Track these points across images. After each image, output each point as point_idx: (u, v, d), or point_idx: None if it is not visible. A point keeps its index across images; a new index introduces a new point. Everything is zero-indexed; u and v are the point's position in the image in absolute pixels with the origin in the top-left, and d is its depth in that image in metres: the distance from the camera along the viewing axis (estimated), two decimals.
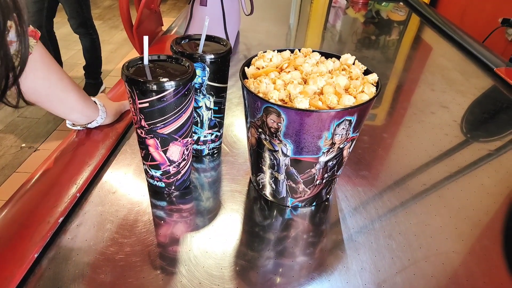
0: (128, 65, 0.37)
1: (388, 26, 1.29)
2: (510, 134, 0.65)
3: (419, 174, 0.52)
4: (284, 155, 0.38)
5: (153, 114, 0.37)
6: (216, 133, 0.50)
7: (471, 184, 0.51)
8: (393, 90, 0.78)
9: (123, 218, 0.41)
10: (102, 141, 0.52)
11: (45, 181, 0.44)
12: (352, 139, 0.38)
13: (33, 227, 0.37)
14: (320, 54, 0.44)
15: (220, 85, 0.45)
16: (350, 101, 0.35)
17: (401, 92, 0.78)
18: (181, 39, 0.45)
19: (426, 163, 0.54)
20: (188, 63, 0.39)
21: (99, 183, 0.45)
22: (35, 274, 0.34)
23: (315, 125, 0.34)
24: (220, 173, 0.50)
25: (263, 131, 0.37)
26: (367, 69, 0.42)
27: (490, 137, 0.63)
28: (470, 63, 0.93)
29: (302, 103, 0.34)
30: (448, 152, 0.58)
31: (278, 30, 1.09)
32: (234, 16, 0.88)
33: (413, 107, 0.71)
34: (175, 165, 0.42)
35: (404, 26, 1.33)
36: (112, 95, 0.63)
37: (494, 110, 0.73)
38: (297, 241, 0.41)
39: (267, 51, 0.43)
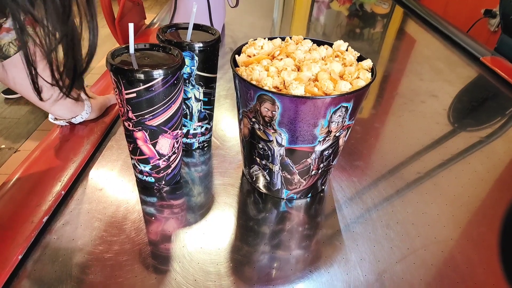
0: (113, 54, 0.35)
1: (372, 19, 1.30)
2: (499, 121, 0.65)
3: (413, 162, 0.52)
4: (279, 145, 0.37)
5: (140, 105, 0.35)
6: (206, 126, 0.48)
7: (464, 171, 0.51)
8: (381, 80, 0.78)
9: (111, 215, 0.39)
10: (87, 137, 0.49)
11: (27, 179, 0.42)
12: (348, 127, 0.37)
13: (16, 227, 0.34)
14: (312, 42, 0.43)
15: (210, 75, 0.44)
16: (347, 87, 0.34)
17: (388, 82, 0.78)
18: (167, 28, 0.43)
19: (419, 152, 0.54)
20: (176, 51, 0.37)
21: (85, 180, 0.43)
22: (19, 276, 0.32)
23: (311, 113, 0.33)
24: (211, 167, 0.49)
25: (257, 120, 0.36)
26: (361, 56, 0.41)
27: (480, 125, 0.64)
28: (455, 53, 0.94)
29: (298, 90, 0.32)
30: (440, 140, 0.57)
31: (263, 23, 1.08)
32: (220, 9, 0.86)
33: (403, 96, 0.70)
34: (165, 159, 0.40)
35: (388, 19, 1.33)
36: (95, 89, 0.60)
37: (482, 98, 0.73)
38: (293, 234, 0.40)
39: (257, 39, 0.42)
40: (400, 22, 1.29)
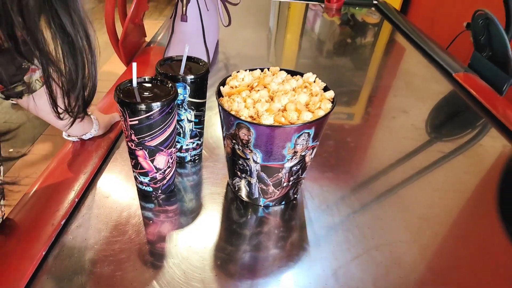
0: (119, 87, 0.43)
1: (362, 29, 1.38)
2: (463, 137, 0.73)
3: (378, 175, 0.60)
4: (255, 162, 0.44)
5: (142, 130, 0.43)
6: (197, 142, 0.56)
7: (426, 184, 0.59)
8: (365, 97, 0.86)
9: (116, 219, 0.47)
10: (95, 151, 0.57)
11: (46, 189, 0.49)
12: (312, 147, 0.45)
13: (39, 229, 0.42)
14: (286, 73, 0.51)
15: (200, 100, 0.52)
16: (308, 117, 0.41)
17: (367, 98, 0.86)
18: (164, 61, 0.51)
19: (386, 165, 0.62)
20: (171, 84, 0.45)
21: (94, 189, 0.51)
22: (43, 269, 0.39)
23: (279, 138, 0.41)
24: (201, 177, 0.56)
25: (236, 142, 0.44)
26: (326, 86, 0.49)
27: (446, 140, 0.72)
28: (432, 68, 1.01)
29: (268, 120, 0.40)
30: (408, 155, 0.65)
31: (256, 38, 1.15)
32: (213, 28, 0.94)
33: (375, 112, 0.78)
34: (161, 172, 0.48)
35: (377, 30, 1.41)
36: (102, 104, 0.68)
37: (450, 114, 0.81)
38: (269, 236, 0.48)
39: (240, 71, 0.50)
40: (388, 35, 1.36)
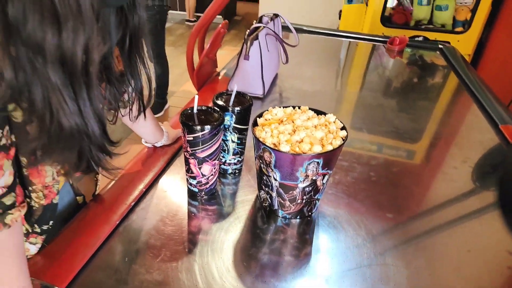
0: (183, 112, 0.60)
1: (424, 72, 1.41)
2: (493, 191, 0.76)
3: (393, 212, 0.67)
4: (274, 180, 0.57)
5: (195, 144, 0.58)
6: (238, 159, 0.70)
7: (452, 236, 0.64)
8: (399, 136, 0.92)
9: (169, 208, 0.63)
10: (162, 156, 0.75)
11: (126, 178, 0.68)
12: (322, 174, 0.56)
13: (117, 205, 0.60)
14: (313, 111, 0.63)
15: (242, 126, 0.66)
16: (318, 149, 0.53)
17: (401, 137, 0.92)
18: (220, 94, 0.67)
19: (402, 203, 0.69)
20: (220, 113, 0.60)
21: (158, 183, 0.68)
22: (115, 234, 0.56)
23: (293, 163, 0.53)
24: (238, 187, 0.70)
25: (262, 162, 0.57)
26: (344, 126, 0.59)
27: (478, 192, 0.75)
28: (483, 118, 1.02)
29: (285, 148, 0.53)
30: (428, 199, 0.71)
31: (311, 74, 1.28)
32: (272, 65, 1.10)
33: (405, 153, 0.85)
34: (205, 178, 0.63)
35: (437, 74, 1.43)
36: (172, 123, 0.87)
37: (491, 166, 0.83)
38: (285, 244, 0.59)
39: (275, 107, 0.63)
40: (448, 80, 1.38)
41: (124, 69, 0.52)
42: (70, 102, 0.38)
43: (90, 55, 0.38)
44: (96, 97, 0.41)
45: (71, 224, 0.57)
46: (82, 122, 0.40)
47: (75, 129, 0.40)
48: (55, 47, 0.35)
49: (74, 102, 0.38)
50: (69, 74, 0.37)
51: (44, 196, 0.53)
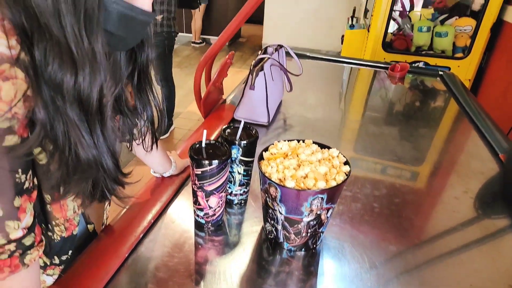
0: (192, 146, 0.62)
1: (423, 98, 1.44)
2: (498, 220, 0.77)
3: (396, 243, 0.68)
4: (280, 213, 0.58)
5: (203, 178, 0.60)
6: (244, 189, 0.72)
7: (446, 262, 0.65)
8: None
9: (177, 239, 0.64)
10: (170, 185, 0.77)
11: (135, 208, 0.70)
12: (326, 208, 0.58)
13: (126, 237, 0.62)
14: (317, 145, 0.65)
15: (249, 159, 0.68)
16: (322, 185, 0.55)
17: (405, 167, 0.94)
18: (227, 127, 0.70)
19: (409, 235, 0.70)
20: (227, 147, 0.62)
21: (165, 214, 0.70)
22: (124, 266, 0.58)
23: (298, 198, 0.55)
24: (244, 217, 0.72)
25: (268, 196, 0.59)
26: (347, 161, 0.61)
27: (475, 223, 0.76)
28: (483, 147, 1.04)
29: (290, 184, 0.55)
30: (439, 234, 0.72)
31: (313, 101, 1.32)
32: (277, 93, 1.13)
33: (407, 183, 0.86)
34: (212, 210, 0.64)
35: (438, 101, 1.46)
36: (180, 152, 0.90)
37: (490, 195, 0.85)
38: (290, 276, 0.60)
39: (280, 141, 0.65)
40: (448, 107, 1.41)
41: (135, 101, 0.55)
42: (87, 136, 0.41)
43: (104, 96, 0.41)
44: (109, 132, 0.44)
45: (83, 256, 0.59)
46: (97, 154, 0.43)
47: (92, 161, 0.43)
48: (72, 88, 0.38)
49: (90, 136, 0.42)
50: (84, 111, 0.40)
51: (65, 229, 0.55)
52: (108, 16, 0.40)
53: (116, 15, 0.41)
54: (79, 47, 0.37)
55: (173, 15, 2.19)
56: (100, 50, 0.39)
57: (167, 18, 2.15)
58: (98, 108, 0.41)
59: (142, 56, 0.53)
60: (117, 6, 0.40)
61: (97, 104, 0.41)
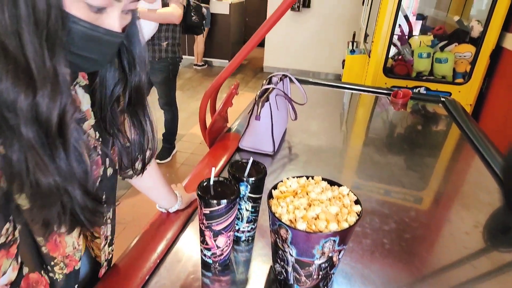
0: (200, 185, 0.61)
1: (426, 125, 1.44)
2: None
3: (411, 285, 0.66)
4: (290, 255, 0.57)
5: (211, 217, 0.59)
6: (252, 226, 0.71)
7: None
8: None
9: (183, 280, 0.62)
10: (176, 221, 0.75)
11: (140, 246, 0.68)
12: (338, 250, 0.56)
13: (131, 279, 0.60)
14: (326, 182, 0.64)
15: (257, 195, 0.67)
16: (334, 227, 0.53)
17: (414, 201, 0.93)
18: (235, 163, 0.69)
19: (417, 274, 0.68)
20: (236, 186, 0.61)
21: (171, 253, 0.68)
22: None
23: (309, 241, 0.53)
24: (252, 255, 0.70)
25: (278, 237, 0.57)
26: (357, 200, 0.60)
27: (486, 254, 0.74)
28: (490, 177, 1.03)
29: (301, 226, 0.53)
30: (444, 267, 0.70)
31: (317, 129, 1.31)
32: (282, 122, 1.13)
33: (417, 217, 0.85)
34: (220, 250, 0.63)
35: (440, 128, 1.46)
36: (185, 185, 0.89)
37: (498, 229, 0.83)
38: None
39: (289, 178, 0.64)
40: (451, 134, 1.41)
41: (126, 124, 0.55)
42: (47, 160, 0.38)
43: (65, 120, 0.39)
44: (75, 156, 0.41)
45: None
46: (60, 180, 0.40)
47: (53, 187, 0.39)
48: (28, 109, 0.36)
49: (51, 160, 0.39)
50: (44, 133, 0.38)
51: (66, 265, 0.53)
52: (71, 37, 0.39)
53: (80, 36, 0.40)
54: (40, 67, 0.35)
55: (178, 41, 2.23)
56: (62, 71, 0.37)
57: (172, 44, 2.19)
58: (58, 130, 0.38)
59: (134, 78, 0.52)
60: (80, 27, 0.39)
61: (57, 126, 0.38)
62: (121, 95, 0.53)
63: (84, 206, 0.44)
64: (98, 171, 0.56)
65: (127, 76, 0.52)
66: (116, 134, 0.53)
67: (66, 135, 0.39)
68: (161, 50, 2.16)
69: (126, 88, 0.52)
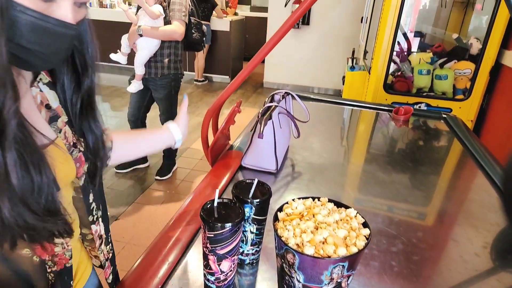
0: (203, 207, 0.59)
1: (428, 141, 1.44)
2: None
3: None
4: (298, 281, 0.55)
5: (215, 241, 0.57)
6: (256, 249, 0.69)
7: None
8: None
9: None
10: (178, 244, 0.73)
11: (138, 273, 0.66)
12: (347, 276, 0.54)
13: None
14: (333, 204, 0.63)
15: (261, 217, 0.65)
16: (343, 252, 0.52)
17: (420, 221, 0.91)
18: (238, 183, 0.68)
19: None
20: (241, 208, 0.60)
21: (172, 278, 0.66)
22: None
23: (317, 266, 0.51)
24: (256, 279, 0.68)
25: (284, 262, 0.55)
26: (365, 222, 0.59)
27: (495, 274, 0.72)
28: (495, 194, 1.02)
29: (309, 251, 0.51)
30: None
31: (320, 147, 1.31)
32: (284, 139, 1.12)
33: (425, 238, 0.83)
34: (224, 274, 0.61)
35: (442, 144, 1.46)
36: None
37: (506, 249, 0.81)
38: None
39: (294, 200, 0.63)
40: (453, 150, 1.40)
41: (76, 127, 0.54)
42: None
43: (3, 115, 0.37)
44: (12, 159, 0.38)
45: None
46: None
47: None
48: None
49: None
50: None
51: (54, 264, 0.53)
52: (17, 27, 0.36)
53: (28, 27, 0.37)
54: None
55: (180, 58, 2.25)
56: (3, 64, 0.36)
57: (174, 61, 2.20)
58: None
59: (86, 81, 0.52)
60: (28, 17, 0.37)
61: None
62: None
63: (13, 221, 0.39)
64: (82, 168, 0.55)
65: (79, 78, 0.51)
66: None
67: (6, 132, 0.37)
68: (163, 67, 2.17)
69: (79, 91, 0.52)
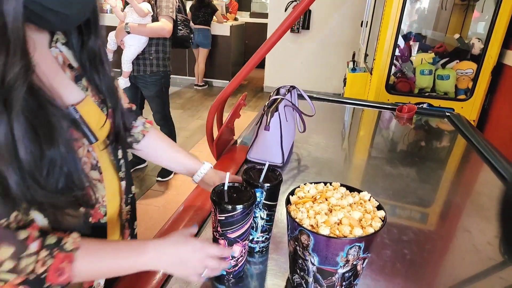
0: (214, 190, 0.58)
1: (433, 139, 1.43)
2: None
3: None
4: (312, 264, 0.53)
5: (226, 224, 0.56)
6: (266, 236, 0.67)
7: None
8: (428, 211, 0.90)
9: None
10: None
11: None
12: (363, 258, 0.53)
13: None
14: (345, 188, 0.61)
15: (272, 203, 0.64)
16: (359, 233, 0.50)
17: (430, 213, 0.89)
18: (249, 169, 0.66)
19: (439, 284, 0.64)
20: (252, 191, 0.58)
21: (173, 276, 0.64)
22: None
23: (333, 247, 0.50)
24: (266, 267, 0.66)
25: (298, 244, 0.54)
26: (379, 205, 0.57)
27: None
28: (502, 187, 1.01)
29: (324, 231, 0.50)
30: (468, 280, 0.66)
31: (325, 142, 1.29)
32: (290, 133, 1.11)
33: (437, 228, 0.81)
34: (235, 260, 0.59)
35: (447, 141, 1.45)
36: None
37: None
38: None
39: (306, 184, 0.62)
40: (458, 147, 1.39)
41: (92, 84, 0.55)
42: None
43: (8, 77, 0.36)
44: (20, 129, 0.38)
45: None
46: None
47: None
48: None
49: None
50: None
51: (90, 215, 0.55)
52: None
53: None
54: None
55: (168, 55, 2.25)
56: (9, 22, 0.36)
57: (163, 58, 2.20)
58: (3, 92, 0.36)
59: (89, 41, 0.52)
60: None
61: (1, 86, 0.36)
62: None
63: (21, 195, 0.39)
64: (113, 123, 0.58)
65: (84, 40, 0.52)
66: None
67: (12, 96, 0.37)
68: (152, 64, 2.17)
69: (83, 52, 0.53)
